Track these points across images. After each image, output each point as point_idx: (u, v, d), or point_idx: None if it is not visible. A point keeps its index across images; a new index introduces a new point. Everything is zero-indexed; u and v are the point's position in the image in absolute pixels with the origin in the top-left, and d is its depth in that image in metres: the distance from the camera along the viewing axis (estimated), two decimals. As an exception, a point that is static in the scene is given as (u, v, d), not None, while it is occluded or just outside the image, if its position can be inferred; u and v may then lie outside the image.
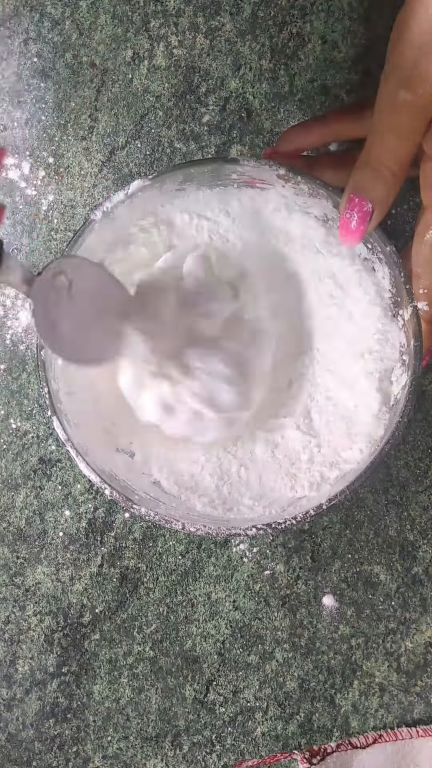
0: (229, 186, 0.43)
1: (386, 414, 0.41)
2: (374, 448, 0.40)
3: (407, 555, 0.48)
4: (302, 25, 0.48)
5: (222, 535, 0.39)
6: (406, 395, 0.40)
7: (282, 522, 0.39)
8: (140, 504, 0.39)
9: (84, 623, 0.49)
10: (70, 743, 0.48)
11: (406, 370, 0.40)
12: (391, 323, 0.42)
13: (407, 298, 0.40)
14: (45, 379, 0.40)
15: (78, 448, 0.39)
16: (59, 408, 0.40)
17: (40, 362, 0.40)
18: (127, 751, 0.48)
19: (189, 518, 0.40)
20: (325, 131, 0.42)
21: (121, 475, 0.41)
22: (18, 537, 0.49)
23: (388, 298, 0.42)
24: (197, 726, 0.48)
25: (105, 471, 0.40)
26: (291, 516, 0.39)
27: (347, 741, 0.47)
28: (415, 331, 0.39)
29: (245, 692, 0.48)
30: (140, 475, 0.43)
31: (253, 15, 0.49)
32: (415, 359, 0.40)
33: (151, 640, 0.48)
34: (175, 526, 0.39)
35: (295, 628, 0.48)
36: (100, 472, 0.39)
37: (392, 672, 0.48)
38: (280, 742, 0.48)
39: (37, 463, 0.49)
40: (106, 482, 0.39)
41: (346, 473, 0.42)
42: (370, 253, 0.41)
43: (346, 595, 0.48)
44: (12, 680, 0.49)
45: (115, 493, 0.39)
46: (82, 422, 0.41)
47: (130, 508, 0.39)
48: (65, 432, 0.39)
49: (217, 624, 0.48)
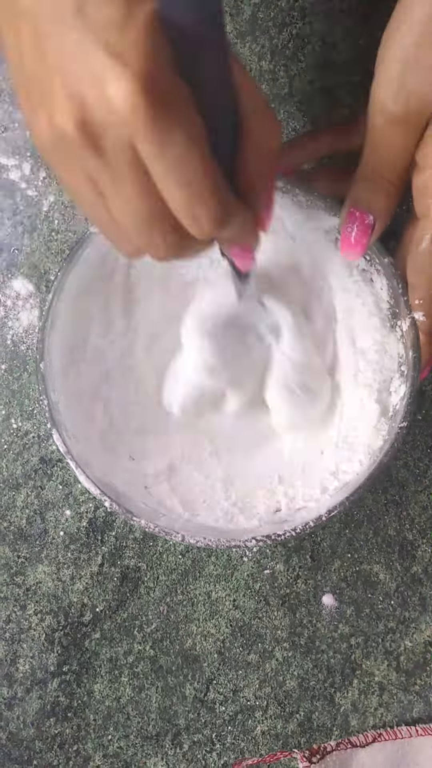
0: None
1: (385, 425, 0.41)
2: (373, 459, 0.40)
3: (406, 554, 0.49)
4: (302, 26, 0.49)
5: (222, 547, 0.39)
6: (405, 406, 0.40)
7: (281, 533, 0.39)
8: (140, 516, 0.39)
9: (84, 622, 0.49)
10: (71, 742, 0.48)
11: (405, 381, 0.40)
12: (390, 334, 0.42)
13: (405, 309, 0.40)
14: (45, 392, 0.40)
15: (78, 460, 0.39)
16: (58, 420, 0.40)
17: (40, 375, 0.40)
18: (128, 750, 0.48)
19: (188, 530, 0.40)
20: (318, 147, 0.43)
21: (121, 487, 0.41)
22: (19, 536, 0.49)
23: (386, 309, 0.42)
24: (197, 725, 0.48)
25: (105, 482, 0.40)
26: (291, 528, 0.39)
27: (347, 740, 0.47)
28: (414, 342, 0.40)
29: (245, 691, 0.48)
30: (140, 487, 0.43)
31: (252, 16, 0.49)
32: (413, 370, 0.40)
33: (152, 639, 0.49)
34: (175, 538, 0.39)
35: (294, 627, 0.48)
36: (99, 484, 0.39)
37: (392, 671, 0.48)
38: (280, 741, 0.48)
39: (38, 463, 0.49)
40: (105, 494, 0.39)
41: (345, 484, 0.42)
42: (368, 264, 0.41)
43: (346, 594, 0.48)
44: (13, 679, 0.49)
45: (114, 505, 0.39)
46: (81, 434, 0.42)
47: (130, 520, 0.39)
48: (65, 444, 0.39)
49: (217, 623, 0.49)
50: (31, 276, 0.50)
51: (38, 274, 0.50)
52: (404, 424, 0.39)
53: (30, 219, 0.50)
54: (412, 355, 0.40)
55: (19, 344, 0.50)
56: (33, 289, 0.50)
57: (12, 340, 0.50)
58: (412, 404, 0.39)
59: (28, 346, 0.50)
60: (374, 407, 0.42)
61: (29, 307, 0.50)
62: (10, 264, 0.50)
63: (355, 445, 0.43)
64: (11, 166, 0.50)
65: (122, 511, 0.39)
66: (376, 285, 0.42)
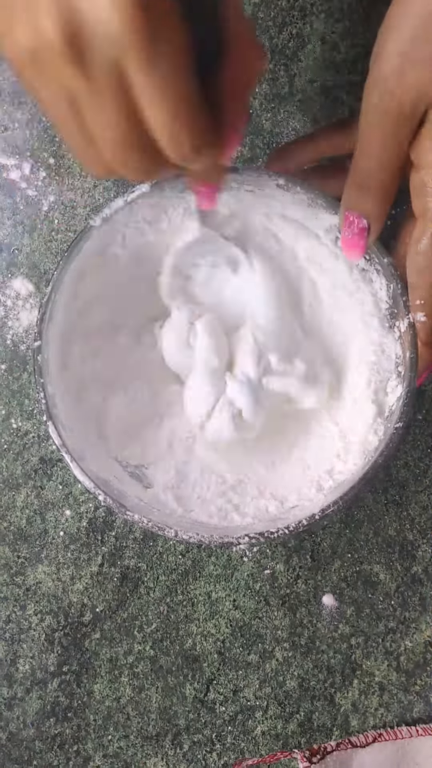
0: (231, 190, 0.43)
1: (381, 425, 0.41)
2: (368, 459, 0.40)
3: (407, 554, 0.49)
4: (302, 26, 0.49)
5: (215, 543, 0.39)
6: (401, 407, 0.40)
7: (275, 531, 0.39)
8: (133, 510, 0.39)
9: (84, 622, 0.49)
10: (71, 742, 0.48)
11: (402, 382, 0.40)
12: (388, 334, 0.42)
13: (404, 310, 0.40)
14: (42, 384, 0.40)
15: (73, 454, 0.39)
16: (55, 414, 0.40)
17: (37, 367, 0.40)
18: (128, 750, 0.48)
19: (182, 525, 0.40)
20: (316, 149, 0.43)
21: (115, 482, 0.41)
22: (19, 536, 0.49)
23: (385, 309, 0.42)
24: (197, 725, 0.48)
25: (99, 477, 0.40)
26: (284, 526, 0.39)
27: (347, 740, 0.47)
28: (412, 343, 0.40)
29: (245, 691, 0.48)
30: (135, 482, 0.43)
31: (253, 16, 0.49)
32: (410, 371, 0.40)
33: (152, 639, 0.49)
34: (168, 533, 0.39)
35: (295, 628, 0.48)
36: (94, 478, 0.39)
37: (392, 671, 0.48)
38: (280, 741, 0.48)
39: (38, 463, 0.49)
40: (99, 488, 0.39)
41: (340, 483, 0.42)
42: (368, 264, 0.41)
43: (346, 594, 0.48)
44: (12, 679, 0.49)
45: (108, 499, 0.39)
46: (78, 428, 0.41)
47: (124, 514, 0.39)
48: (60, 437, 0.39)
49: (217, 623, 0.48)
50: (31, 276, 0.50)
51: (38, 274, 0.50)
52: (400, 424, 0.39)
53: (30, 219, 0.50)
54: (409, 355, 0.40)
55: (19, 344, 0.50)
56: (33, 288, 0.50)
57: (12, 339, 0.50)
58: (409, 405, 0.39)
59: (28, 346, 0.50)
60: (370, 407, 0.42)
61: (29, 307, 0.50)
62: (10, 264, 0.50)
63: (351, 444, 0.43)
64: (11, 166, 0.50)
65: (116, 505, 0.39)
66: (375, 285, 0.42)
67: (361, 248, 0.39)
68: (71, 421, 0.41)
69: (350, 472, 0.42)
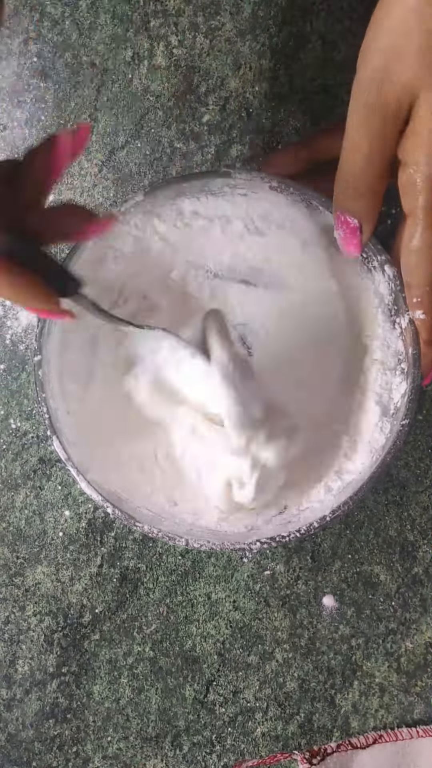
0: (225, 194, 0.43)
1: (387, 423, 0.41)
2: (376, 457, 0.40)
3: (407, 555, 0.48)
4: (302, 25, 0.48)
5: (226, 550, 0.39)
6: (406, 403, 0.40)
7: (286, 535, 0.39)
8: (143, 521, 0.39)
9: (84, 623, 0.49)
10: (70, 743, 0.48)
11: (405, 378, 0.40)
12: (391, 331, 0.42)
13: (404, 306, 0.40)
14: (44, 400, 0.40)
15: (79, 467, 0.39)
16: (58, 428, 0.40)
17: (38, 381, 0.40)
18: (127, 752, 0.48)
19: (193, 534, 0.40)
20: (309, 153, 0.43)
21: (123, 493, 0.41)
22: (18, 537, 0.49)
23: (386, 305, 0.42)
24: (197, 726, 0.48)
25: (106, 489, 0.40)
26: (295, 529, 0.39)
27: (347, 741, 0.47)
28: (413, 339, 0.40)
29: (245, 692, 0.48)
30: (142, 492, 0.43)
31: (253, 15, 0.49)
32: (414, 367, 0.40)
33: (151, 641, 0.48)
34: (179, 542, 0.39)
35: (295, 629, 0.48)
36: (101, 490, 0.39)
37: (392, 672, 0.48)
38: (280, 743, 0.48)
39: (37, 463, 0.49)
40: (108, 500, 0.39)
41: (348, 483, 0.42)
42: (366, 261, 0.42)
43: (346, 595, 0.48)
44: (12, 680, 0.49)
45: (117, 512, 0.39)
46: (82, 441, 0.41)
47: (133, 526, 0.39)
48: (65, 451, 0.39)
49: (217, 624, 0.48)
50: (30, 276, 0.50)
51: (37, 274, 0.50)
52: (406, 421, 0.39)
53: (29, 218, 0.50)
54: (411, 351, 0.40)
55: (18, 344, 0.49)
56: (32, 288, 0.50)
57: (11, 339, 0.49)
58: (413, 401, 0.40)
59: (27, 346, 0.49)
60: (376, 405, 0.42)
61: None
62: (9, 263, 0.50)
63: (358, 443, 0.43)
64: (10, 165, 0.50)
65: (125, 518, 0.39)
66: (376, 281, 0.42)
67: (356, 246, 0.40)
68: (75, 434, 0.41)
69: (358, 471, 0.42)
